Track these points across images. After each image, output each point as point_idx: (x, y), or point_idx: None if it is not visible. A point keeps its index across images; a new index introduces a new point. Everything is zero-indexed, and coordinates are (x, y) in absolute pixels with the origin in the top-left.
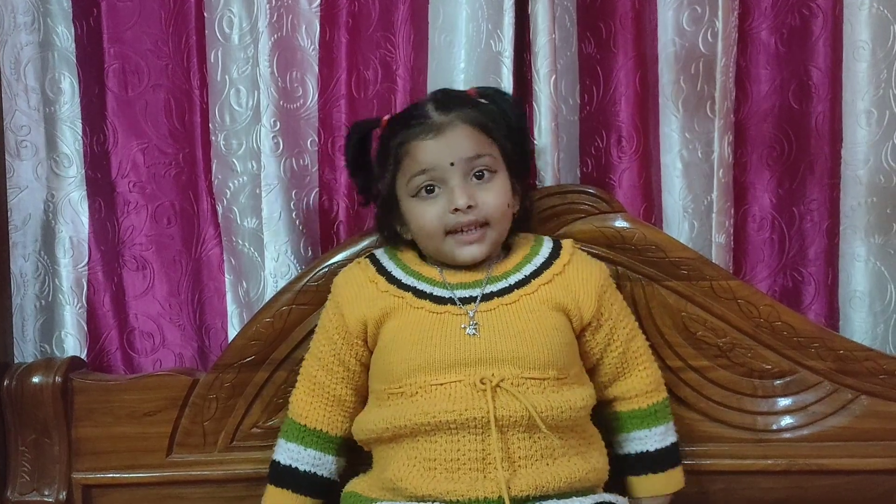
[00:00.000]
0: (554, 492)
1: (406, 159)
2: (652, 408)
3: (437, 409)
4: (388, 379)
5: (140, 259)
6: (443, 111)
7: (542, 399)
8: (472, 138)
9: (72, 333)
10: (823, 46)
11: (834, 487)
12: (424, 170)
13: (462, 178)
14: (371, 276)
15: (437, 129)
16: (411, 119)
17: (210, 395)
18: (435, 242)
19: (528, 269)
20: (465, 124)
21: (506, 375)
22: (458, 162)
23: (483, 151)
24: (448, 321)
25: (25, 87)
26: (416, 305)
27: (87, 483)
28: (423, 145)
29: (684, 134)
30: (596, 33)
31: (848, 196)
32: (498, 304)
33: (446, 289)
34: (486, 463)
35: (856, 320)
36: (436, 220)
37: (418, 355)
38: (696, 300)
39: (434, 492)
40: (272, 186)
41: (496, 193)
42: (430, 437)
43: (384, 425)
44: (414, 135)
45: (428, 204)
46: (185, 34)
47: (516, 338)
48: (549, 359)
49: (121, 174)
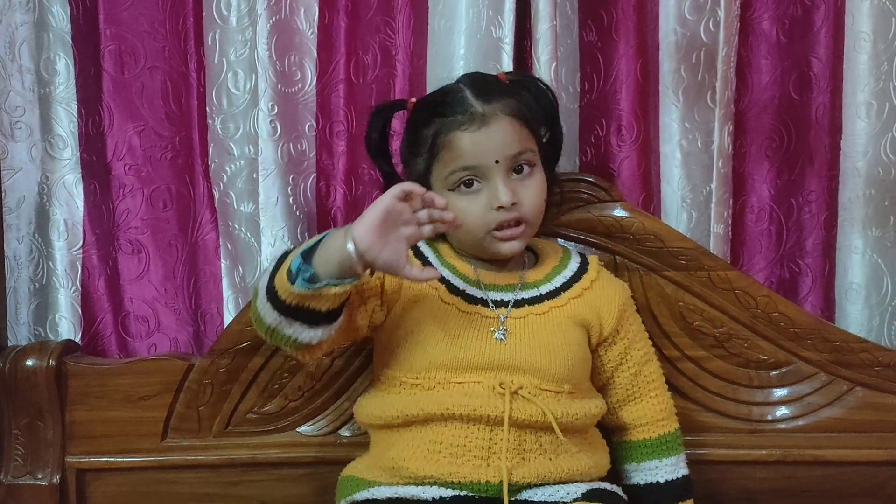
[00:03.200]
0: (554, 481)
1: (445, 151)
2: (663, 437)
3: (453, 403)
4: (404, 367)
5: (135, 243)
6: (484, 100)
7: (558, 407)
8: (516, 132)
9: (66, 317)
10: (825, 37)
11: (828, 478)
12: (467, 166)
13: (505, 175)
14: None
15: (481, 120)
16: (449, 106)
17: (205, 380)
18: (476, 238)
19: (558, 281)
20: (508, 116)
21: (524, 384)
22: (503, 160)
23: (525, 147)
24: (478, 322)
25: (20, 68)
26: (447, 300)
27: (81, 467)
28: (465, 138)
29: (684, 123)
30: (597, 21)
31: (846, 188)
32: (528, 313)
33: (479, 288)
34: (490, 452)
35: (852, 312)
36: (478, 218)
37: (444, 353)
38: (694, 290)
39: (436, 473)
40: (269, 171)
41: (535, 191)
42: (441, 425)
43: (395, 413)
44: (455, 124)
45: (468, 199)
46: (183, 16)
47: (541, 349)
48: (568, 374)
49: (116, 157)
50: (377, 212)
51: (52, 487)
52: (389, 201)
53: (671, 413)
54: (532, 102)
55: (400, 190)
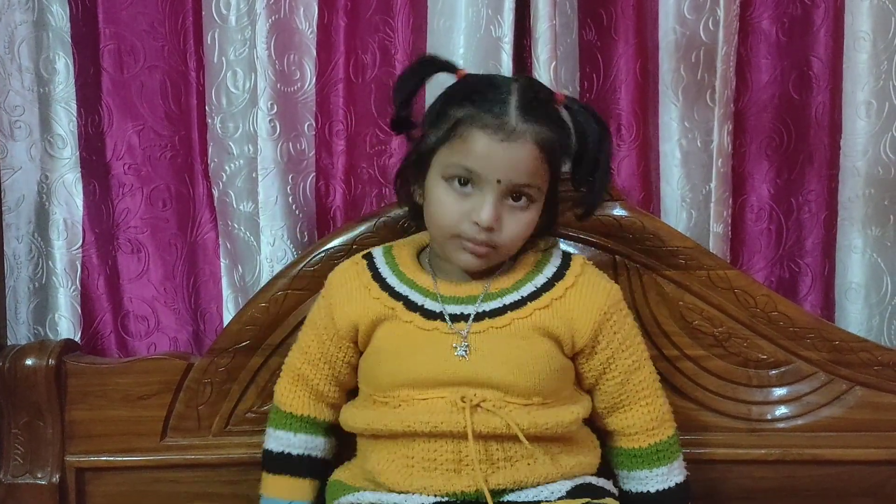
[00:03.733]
0: (532, 485)
1: (459, 141)
2: (653, 447)
3: (415, 420)
4: (373, 386)
5: (135, 242)
6: (523, 116)
7: (526, 417)
8: (533, 164)
9: (65, 316)
10: (824, 36)
11: (827, 477)
12: (470, 168)
13: (500, 196)
14: (366, 281)
15: (508, 135)
16: (488, 101)
17: (205, 379)
18: (441, 236)
19: (526, 290)
20: (534, 144)
21: (488, 397)
22: (504, 181)
23: (534, 182)
24: (436, 339)
25: (19, 67)
26: (405, 319)
27: (81, 466)
28: (484, 140)
29: (684, 123)
30: (597, 20)
31: (846, 187)
32: (488, 327)
33: (437, 301)
34: (462, 464)
35: (852, 312)
36: (452, 219)
37: (404, 371)
38: (693, 289)
39: (411, 487)
40: (268, 170)
41: (520, 225)
42: (409, 440)
43: (363, 425)
44: (481, 122)
45: (454, 197)
46: (182, 15)
47: (505, 364)
48: (536, 387)
49: (116, 156)
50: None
51: (51, 487)
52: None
53: (664, 420)
54: (567, 133)
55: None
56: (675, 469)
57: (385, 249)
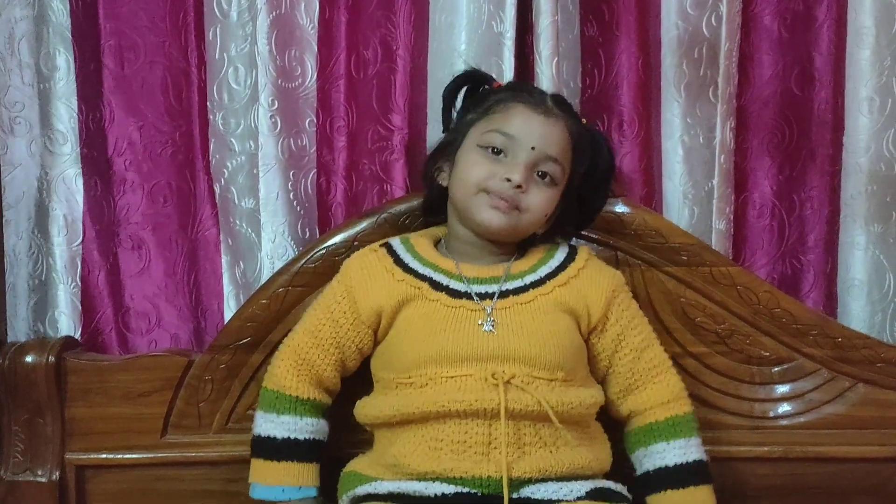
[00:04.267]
0: (556, 475)
1: (499, 113)
2: (670, 420)
3: (448, 399)
4: (397, 368)
5: (136, 238)
6: (557, 104)
7: (552, 395)
8: (563, 143)
9: (66, 313)
10: (827, 32)
11: (830, 475)
12: (509, 134)
13: (531, 166)
14: (388, 265)
15: (547, 111)
16: (525, 92)
17: (205, 376)
18: (467, 194)
19: (543, 271)
20: (565, 126)
21: (517, 373)
22: (539, 150)
23: (561, 159)
24: (463, 316)
25: (20, 63)
26: (431, 297)
27: (81, 463)
28: (525, 112)
29: (686, 119)
30: (598, 16)
31: (848, 184)
32: (514, 303)
33: (462, 282)
34: (491, 447)
35: (854, 309)
36: (483, 175)
37: (430, 347)
38: (696, 286)
39: (438, 469)
40: (270, 166)
41: (544, 198)
42: (439, 422)
43: (392, 412)
44: (522, 99)
45: (487, 160)
46: (183, 11)
47: (530, 337)
48: (559, 361)
49: (117, 152)
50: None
51: (51, 484)
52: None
53: (681, 395)
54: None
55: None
56: (693, 446)
57: (402, 238)
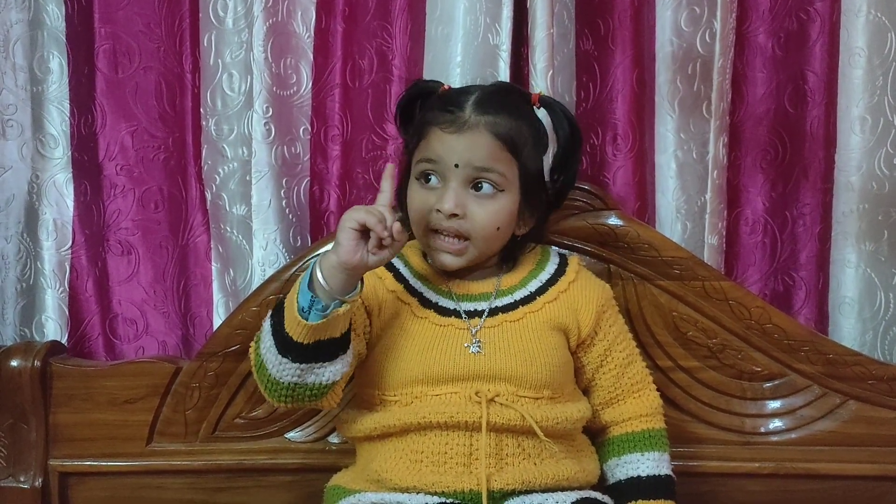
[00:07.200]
0: (540, 487)
1: (423, 140)
2: (646, 433)
3: (430, 412)
4: (382, 385)
5: (125, 244)
6: (477, 109)
7: (538, 411)
8: (490, 149)
9: (53, 318)
10: (820, 51)
11: (821, 492)
12: (431, 159)
13: (461, 184)
14: (379, 270)
15: (460, 126)
16: (448, 102)
17: (193, 383)
18: (418, 233)
19: (533, 286)
20: (488, 132)
21: (501, 391)
22: (462, 166)
23: (495, 167)
24: (451, 335)
25: (13, 66)
26: (419, 315)
27: (64, 470)
28: (439, 135)
29: (679, 134)
30: (594, 30)
31: (840, 202)
32: (502, 321)
33: (452, 299)
34: (472, 458)
35: (845, 326)
36: (419, 212)
37: (418, 367)
38: (688, 300)
39: (419, 483)
40: (262, 174)
41: (489, 212)
42: (420, 434)
43: (373, 425)
44: (438, 121)
45: (422, 192)
46: (179, 16)
47: (517, 357)
48: (546, 380)
49: (108, 157)
50: (346, 237)
51: (34, 491)
52: (349, 232)
53: (658, 411)
54: (534, 129)
55: (356, 223)
56: (665, 461)
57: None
